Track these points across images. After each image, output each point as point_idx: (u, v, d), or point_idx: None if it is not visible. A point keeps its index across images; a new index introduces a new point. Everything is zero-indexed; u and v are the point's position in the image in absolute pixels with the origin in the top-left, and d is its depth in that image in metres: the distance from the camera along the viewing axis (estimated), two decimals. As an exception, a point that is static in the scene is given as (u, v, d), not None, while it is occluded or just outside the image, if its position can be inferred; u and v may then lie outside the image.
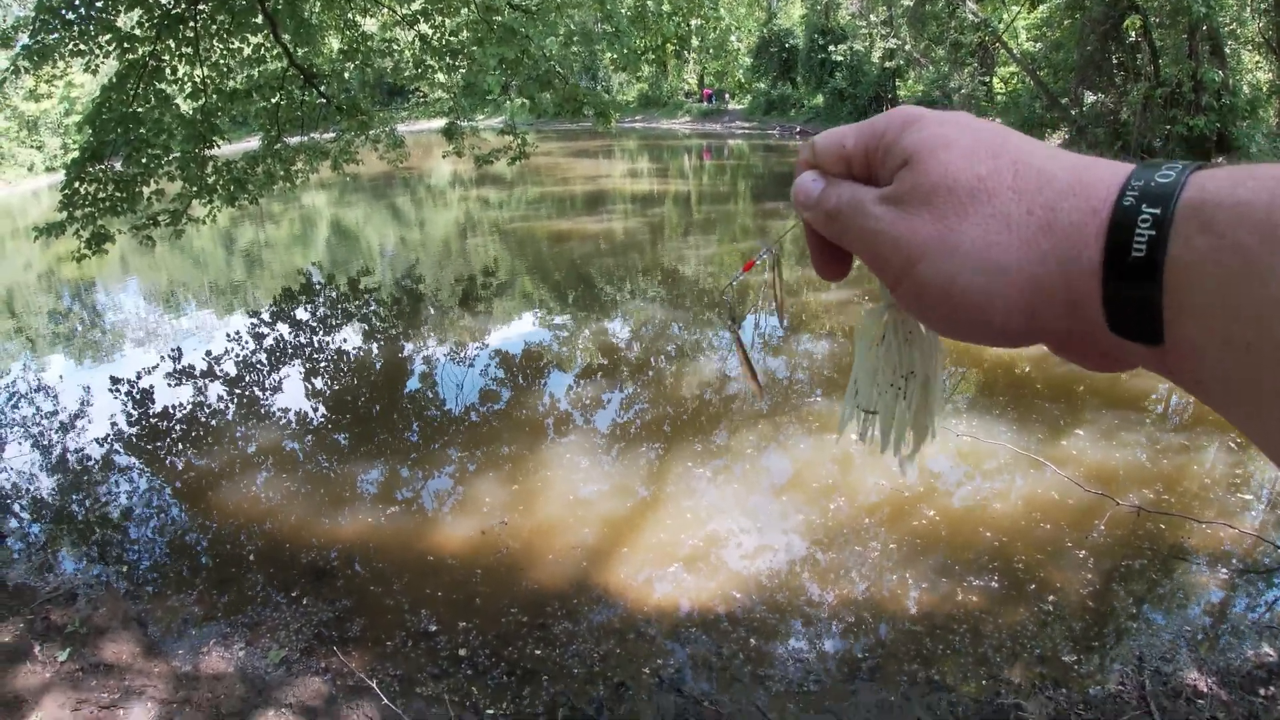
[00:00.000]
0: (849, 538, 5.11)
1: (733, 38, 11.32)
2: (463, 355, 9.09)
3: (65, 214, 7.98)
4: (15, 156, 38.00)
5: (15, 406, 8.22)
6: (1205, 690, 3.75)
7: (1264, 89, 20.08)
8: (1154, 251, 0.36)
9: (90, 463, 6.77)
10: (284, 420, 7.41)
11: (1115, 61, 20.46)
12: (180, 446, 7.05)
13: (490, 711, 3.78)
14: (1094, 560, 4.79)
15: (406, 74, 11.70)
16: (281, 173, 9.66)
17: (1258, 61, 21.04)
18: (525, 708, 3.80)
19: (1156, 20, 19.45)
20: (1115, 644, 4.18)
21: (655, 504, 5.60)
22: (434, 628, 4.38)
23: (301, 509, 5.74)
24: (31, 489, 6.38)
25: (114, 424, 7.47)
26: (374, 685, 3.90)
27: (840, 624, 4.41)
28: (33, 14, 8.11)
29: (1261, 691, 3.73)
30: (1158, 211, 0.36)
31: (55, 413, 7.98)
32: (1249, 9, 20.05)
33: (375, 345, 9.85)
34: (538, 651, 4.17)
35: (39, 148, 39.40)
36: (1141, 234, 0.37)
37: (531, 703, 3.83)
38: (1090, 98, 19.37)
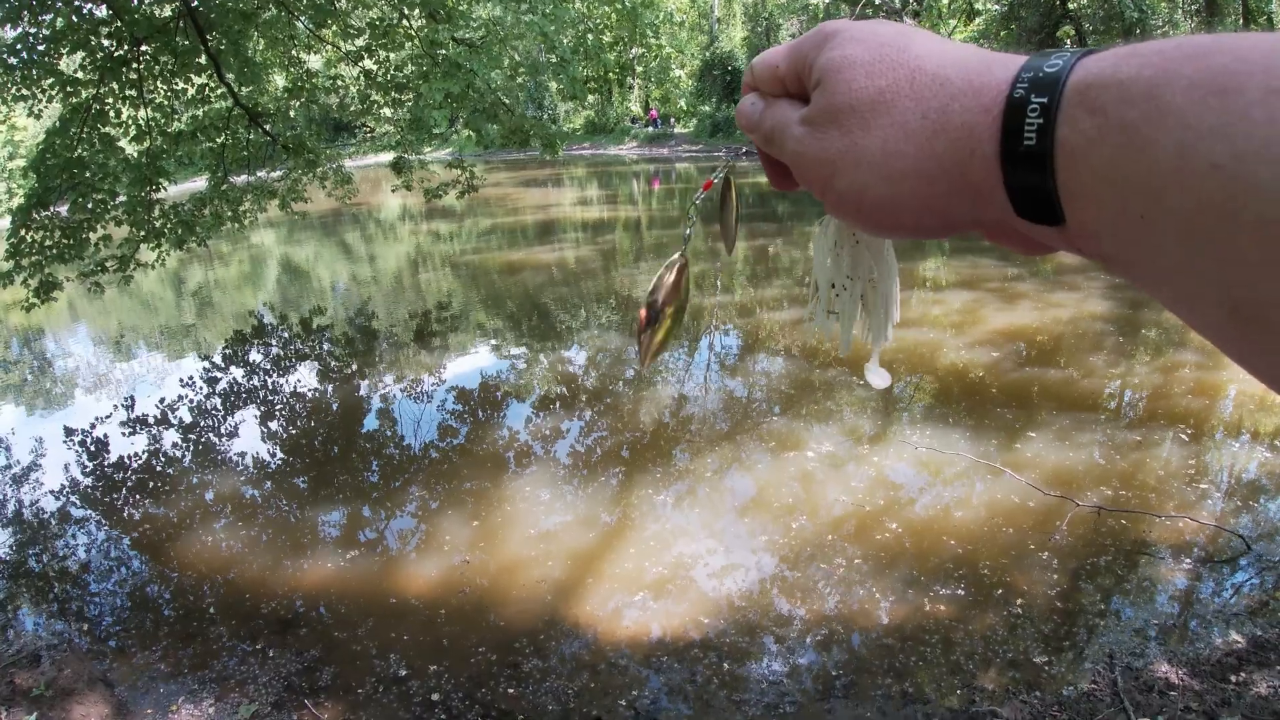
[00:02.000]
0: (814, 555, 5.13)
1: (673, 65, 11.40)
2: (419, 391, 9.04)
3: (12, 263, 7.85)
4: None
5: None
6: (1177, 682, 3.81)
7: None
8: (1043, 138, 0.38)
9: (47, 517, 6.62)
10: (241, 466, 7.32)
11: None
12: (137, 497, 6.94)
13: (467, 753, 3.76)
14: (1058, 561, 4.87)
15: (352, 109, 11.68)
16: (229, 214, 9.58)
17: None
18: (502, 747, 3.79)
19: (1090, 27, 19.99)
20: (1086, 643, 4.24)
21: (619, 532, 5.60)
22: (404, 672, 4.33)
23: (263, 556, 5.66)
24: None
25: (69, 475, 7.32)
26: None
27: (812, 642, 4.42)
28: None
29: (1232, 679, 3.79)
30: (1045, 100, 0.38)
31: (6, 466, 7.80)
32: (1180, 11, 20.67)
33: (330, 385, 9.76)
34: (511, 691, 4.14)
35: None
36: (1031, 123, 0.39)
37: (509, 743, 3.81)
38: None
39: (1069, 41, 19.37)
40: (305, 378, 10.20)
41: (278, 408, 9.14)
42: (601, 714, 3.94)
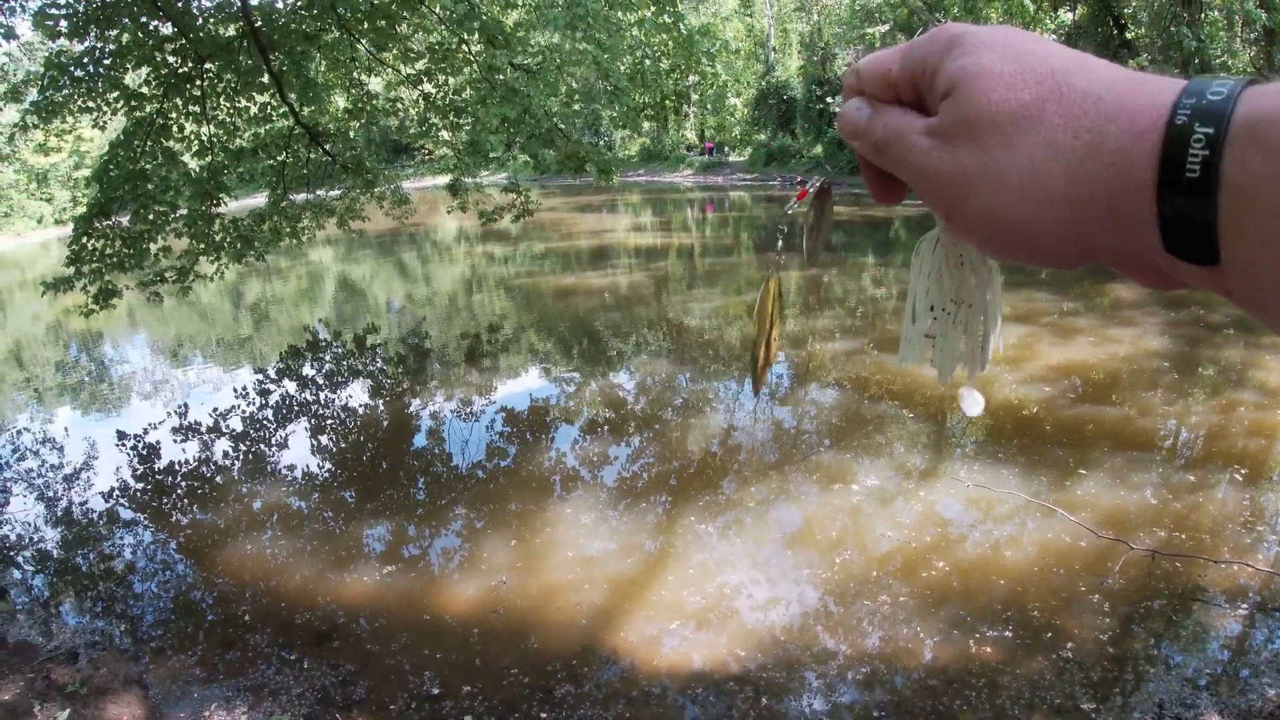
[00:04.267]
0: (859, 591, 5.05)
1: (729, 93, 11.42)
2: (468, 411, 9.10)
3: (73, 269, 8.06)
4: (25, 209, 38.55)
5: (21, 459, 8.22)
6: None
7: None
8: (1208, 171, 0.36)
9: (94, 517, 6.75)
10: (288, 477, 7.41)
11: (1111, 102, 20.56)
12: (184, 502, 7.05)
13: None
14: (1110, 605, 4.73)
15: (411, 132, 11.86)
16: (288, 230, 9.76)
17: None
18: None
19: (1149, 57, 19.68)
20: (1134, 690, 4.12)
21: (660, 560, 5.55)
22: (437, 691, 4.32)
23: (304, 567, 5.71)
24: (35, 542, 6.36)
25: (120, 478, 7.47)
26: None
27: (853, 680, 4.33)
28: (42, 69, 8.26)
29: None
30: (1211, 130, 0.36)
31: (60, 466, 7.98)
32: (1239, 40, 20.26)
33: (380, 402, 9.86)
34: (544, 715, 4.11)
35: (48, 200, 39.95)
36: (1195, 154, 0.36)
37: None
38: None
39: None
40: (356, 394, 10.32)
41: (328, 421, 9.25)
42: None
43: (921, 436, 7.36)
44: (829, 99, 35.34)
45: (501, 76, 9.34)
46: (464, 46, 9.85)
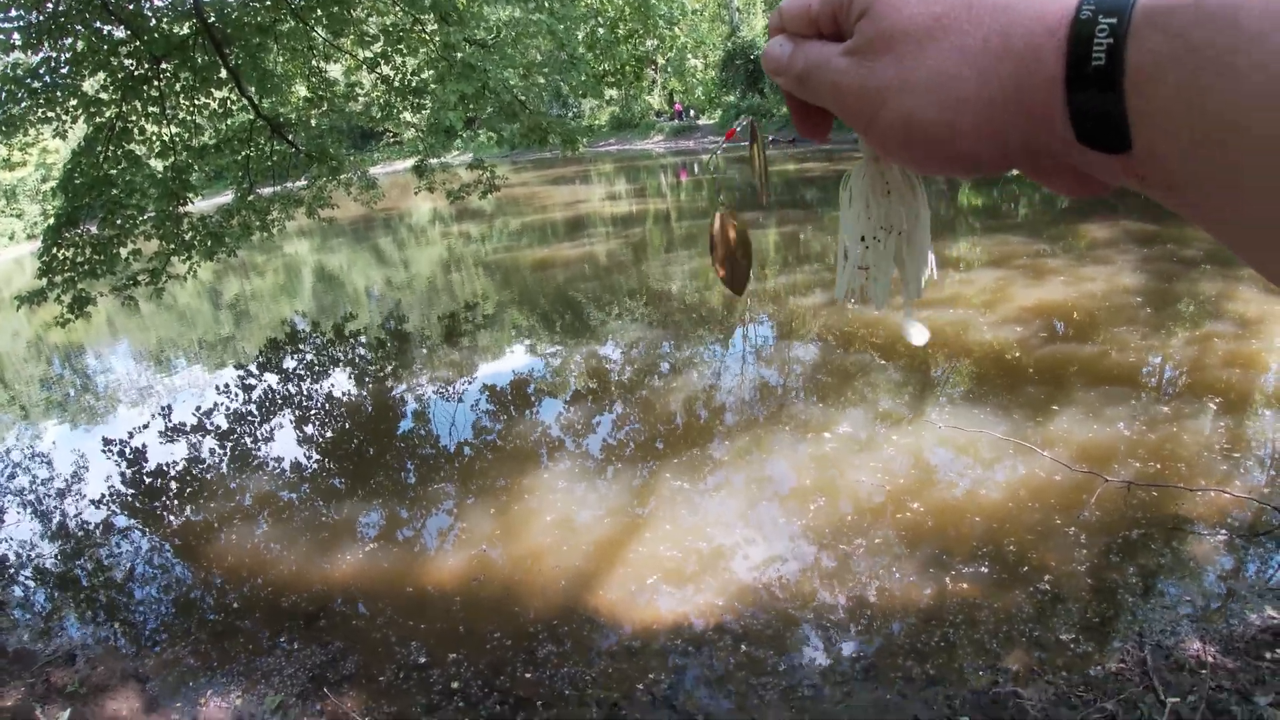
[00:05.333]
0: (835, 536, 5.12)
1: (690, 56, 11.42)
2: (449, 390, 9.17)
3: (45, 280, 8.07)
4: None
5: (11, 476, 8.26)
6: (1209, 660, 3.72)
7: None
8: (1113, 59, 0.37)
9: (86, 524, 6.82)
10: (273, 468, 7.49)
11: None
12: (173, 502, 7.12)
13: (487, 742, 3.84)
14: (1086, 538, 4.78)
15: (374, 116, 11.83)
16: (257, 223, 9.76)
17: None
18: (522, 735, 3.85)
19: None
20: (1113, 621, 4.16)
21: (638, 519, 5.64)
22: (424, 660, 4.43)
23: (291, 553, 5.81)
24: (30, 553, 6.42)
25: (109, 484, 7.53)
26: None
27: (832, 625, 4.41)
28: (-2, 84, 8.24)
29: (1267, 655, 3.70)
30: (1114, 20, 0.38)
31: (50, 479, 8.02)
32: None
33: (363, 387, 9.92)
34: (529, 677, 4.21)
35: (18, 216, 39.54)
36: (1100, 43, 0.38)
37: (528, 730, 3.88)
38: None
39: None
40: (339, 381, 10.38)
41: (311, 411, 9.32)
42: (619, 700, 4.00)
43: (895, 384, 7.45)
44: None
45: (459, 54, 9.32)
46: (419, 26, 9.82)
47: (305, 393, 10.15)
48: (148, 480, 7.62)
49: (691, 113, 46.14)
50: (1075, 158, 0.42)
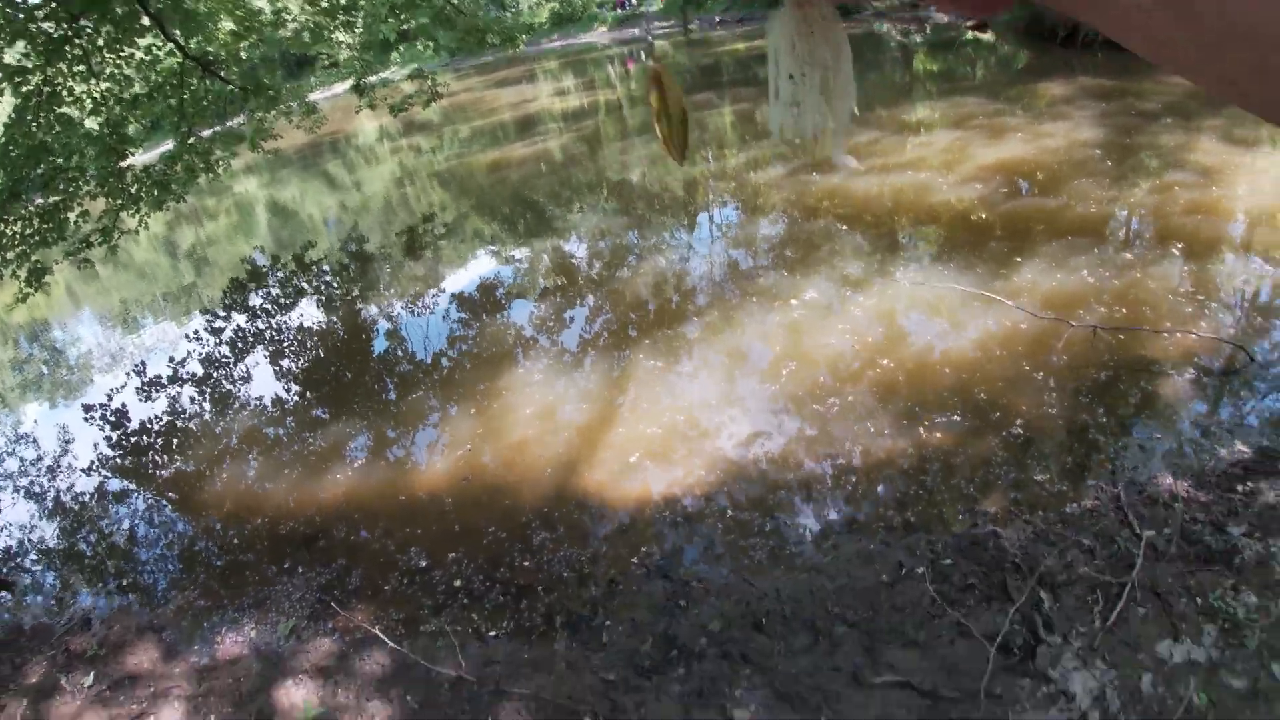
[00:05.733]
0: (808, 398, 5.28)
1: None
2: (419, 303, 9.21)
3: (-2, 258, 7.94)
4: None
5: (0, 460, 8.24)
6: (1182, 494, 3.84)
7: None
8: None
9: (80, 493, 6.84)
10: (254, 406, 7.55)
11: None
12: (161, 455, 7.16)
13: (493, 634, 4.00)
14: (1056, 383, 4.93)
15: (305, 40, 11.47)
16: (202, 165, 9.54)
17: None
18: (525, 622, 4.03)
19: None
20: (1087, 461, 4.31)
21: (615, 401, 5.78)
22: (424, 563, 4.60)
23: (282, 484, 5.92)
24: (32, 531, 6.45)
25: (97, 451, 7.54)
26: (379, 632, 4.10)
27: (813, 483, 4.58)
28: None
29: (1239, 488, 3.82)
30: None
31: (39, 457, 7.93)
32: None
33: (333, 314, 9.88)
34: (527, 565, 4.39)
35: None
36: None
37: (530, 616, 4.05)
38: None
39: None
40: (307, 310, 10.33)
41: (284, 344, 9.30)
42: (616, 575, 4.15)
43: (860, 249, 7.51)
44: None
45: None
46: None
47: (276, 327, 10.11)
48: (134, 440, 7.65)
49: (634, 0, 44.85)
50: None
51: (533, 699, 3.52)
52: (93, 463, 7.32)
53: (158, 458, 7.18)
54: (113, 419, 8.24)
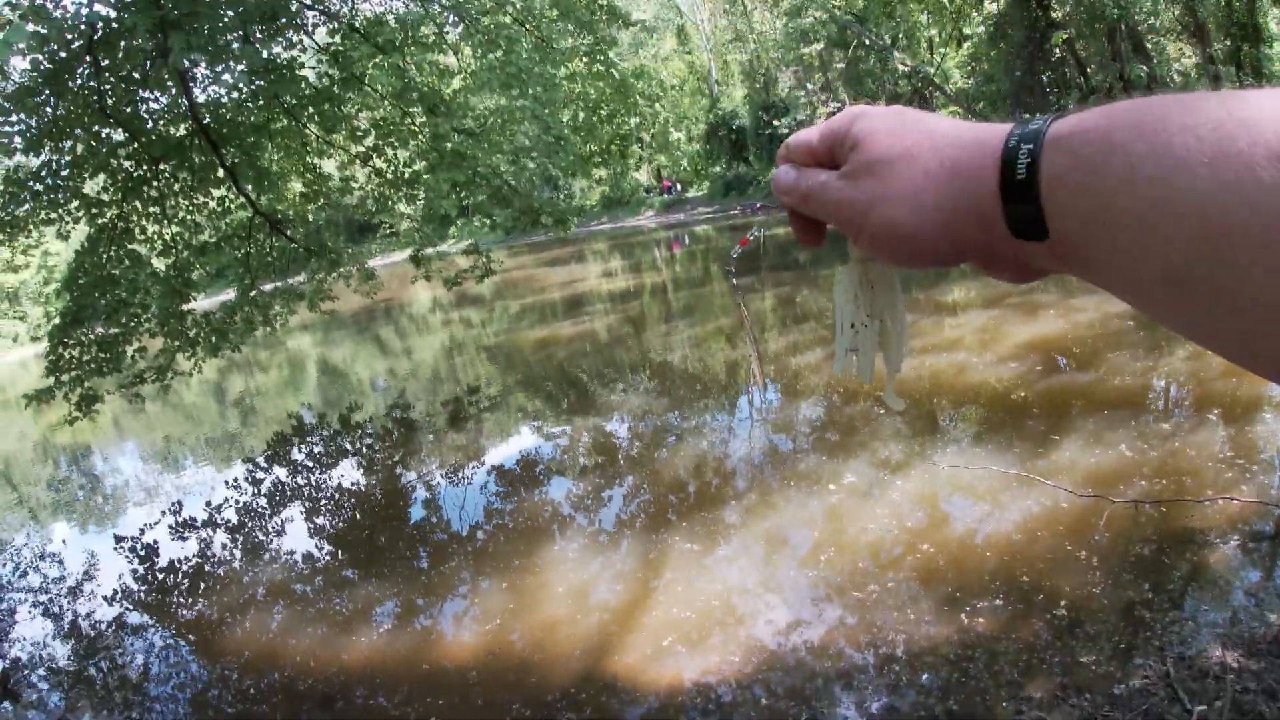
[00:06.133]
0: (847, 584, 5.10)
1: (673, 130, 11.69)
2: (458, 474, 9.22)
3: (52, 380, 8.22)
4: None
5: (22, 575, 8.26)
6: (1233, 665, 3.69)
7: (1192, 74, 20.65)
8: (1031, 172, 0.50)
9: (100, 622, 6.80)
10: (285, 560, 7.53)
11: (1046, 80, 21.12)
12: (186, 597, 7.13)
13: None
14: (1099, 561, 4.77)
15: (370, 208, 12.07)
16: (260, 318, 9.92)
17: (1181, 49, 21.75)
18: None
19: (1075, 31, 20.17)
20: (1133, 639, 4.12)
21: (650, 583, 5.63)
22: None
23: (306, 639, 5.82)
24: (42, 652, 6.40)
25: (121, 582, 7.54)
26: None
27: (853, 672, 4.37)
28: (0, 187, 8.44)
29: None
30: (1031, 145, 0.51)
31: (62, 578, 8.01)
32: (1162, 1, 20.73)
33: (372, 476, 9.97)
34: None
35: (21, 318, 39.78)
36: (1021, 162, 0.51)
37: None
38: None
39: (1058, 50, 19.77)
40: (347, 471, 10.43)
41: (321, 502, 9.36)
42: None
43: (898, 432, 7.50)
44: (776, 122, 35.91)
45: (448, 143, 9.56)
46: (408, 119, 10.10)
47: (314, 484, 10.21)
48: (161, 577, 7.65)
49: (679, 186, 46.89)
50: (1013, 249, 0.55)
51: None
52: (116, 593, 7.30)
53: (181, 597, 7.16)
54: (141, 552, 8.28)
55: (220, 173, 8.84)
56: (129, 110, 8.32)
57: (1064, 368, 8.17)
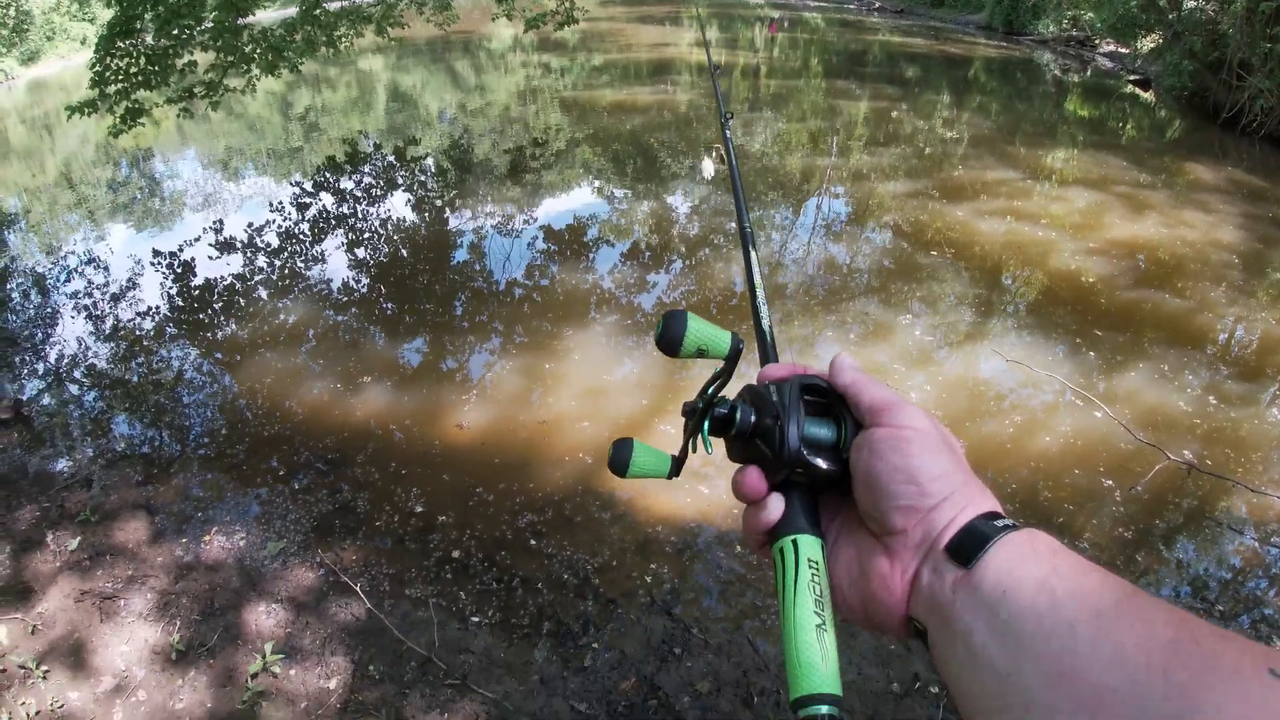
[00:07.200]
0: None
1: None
2: (506, 226, 9.04)
3: (97, 91, 7.83)
4: (67, 31, 37.86)
5: (67, 280, 8.17)
6: None
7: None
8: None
9: (126, 338, 6.78)
10: (316, 293, 7.45)
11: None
12: (209, 320, 7.07)
13: (475, 619, 3.75)
14: (1128, 511, 4.45)
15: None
16: (324, 38, 9.37)
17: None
18: (511, 617, 3.77)
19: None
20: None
21: (675, 400, 5.34)
22: (428, 523, 4.38)
23: (318, 388, 5.75)
24: (64, 366, 6.39)
25: (156, 297, 7.52)
26: (358, 589, 3.88)
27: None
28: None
29: None
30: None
31: (105, 286, 7.94)
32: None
33: (421, 214, 9.71)
34: (530, 555, 4.13)
35: (91, 20, 39.15)
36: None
37: (518, 612, 3.79)
38: (1190, 2, 16.82)
39: None
40: (396, 206, 10.20)
41: (365, 235, 9.17)
42: (617, 597, 3.89)
43: (969, 295, 7.01)
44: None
45: None
46: None
47: (360, 215, 9.99)
48: (192, 294, 7.62)
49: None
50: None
51: (495, 705, 3.28)
52: (145, 308, 7.29)
53: (207, 319, 7.10)
54: (180, 270, 8.21)
55: None
56: None
57: (1154, 283, 7.37)
